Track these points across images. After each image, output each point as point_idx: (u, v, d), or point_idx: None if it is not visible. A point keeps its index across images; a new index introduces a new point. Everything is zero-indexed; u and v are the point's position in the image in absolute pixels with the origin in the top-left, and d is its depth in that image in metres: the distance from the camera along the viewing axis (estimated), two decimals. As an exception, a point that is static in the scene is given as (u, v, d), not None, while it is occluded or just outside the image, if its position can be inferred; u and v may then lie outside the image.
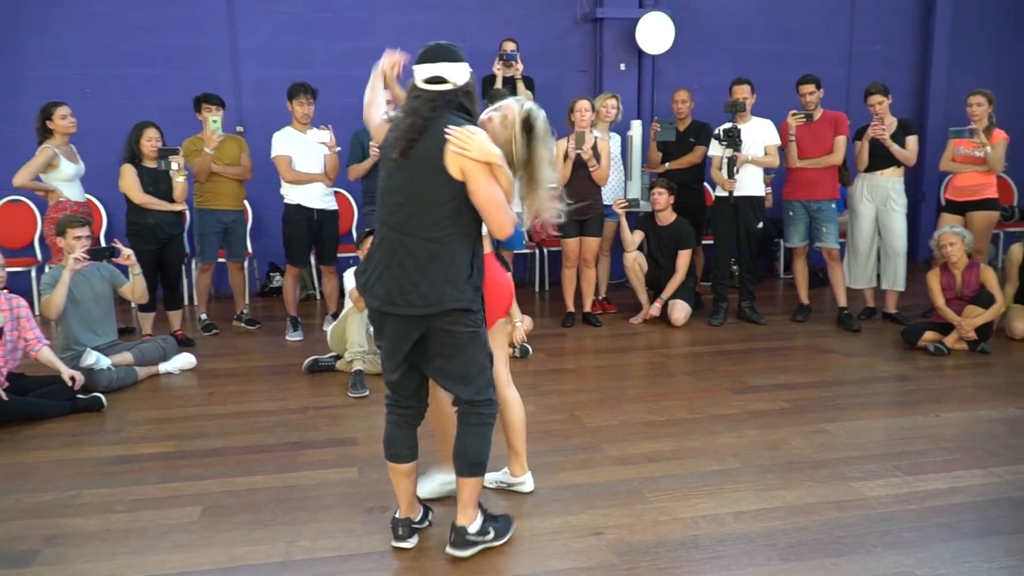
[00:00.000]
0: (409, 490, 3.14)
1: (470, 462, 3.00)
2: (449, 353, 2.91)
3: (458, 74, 2.88)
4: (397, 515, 3.15)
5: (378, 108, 3.20)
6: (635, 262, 6.69)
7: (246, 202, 6.70)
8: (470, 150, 2.74)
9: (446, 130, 2.76)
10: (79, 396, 4.73)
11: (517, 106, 2.98)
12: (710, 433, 4.27)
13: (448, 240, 2.83)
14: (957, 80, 8.85)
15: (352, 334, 5.15)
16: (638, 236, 6.78)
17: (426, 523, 3.24)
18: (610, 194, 6.69)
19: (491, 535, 3.10)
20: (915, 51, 9.05)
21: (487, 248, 3.19)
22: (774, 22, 8.68)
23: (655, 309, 6.60)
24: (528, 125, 2.94)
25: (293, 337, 6.28)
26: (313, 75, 6.83)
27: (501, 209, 2.80)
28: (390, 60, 3.22)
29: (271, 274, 7.99)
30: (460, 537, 3.03)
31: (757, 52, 8.58)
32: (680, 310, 6.53)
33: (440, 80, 2.86)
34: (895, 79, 7.68)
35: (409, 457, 3.08)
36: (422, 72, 2.87)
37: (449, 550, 3.04)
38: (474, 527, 3.05)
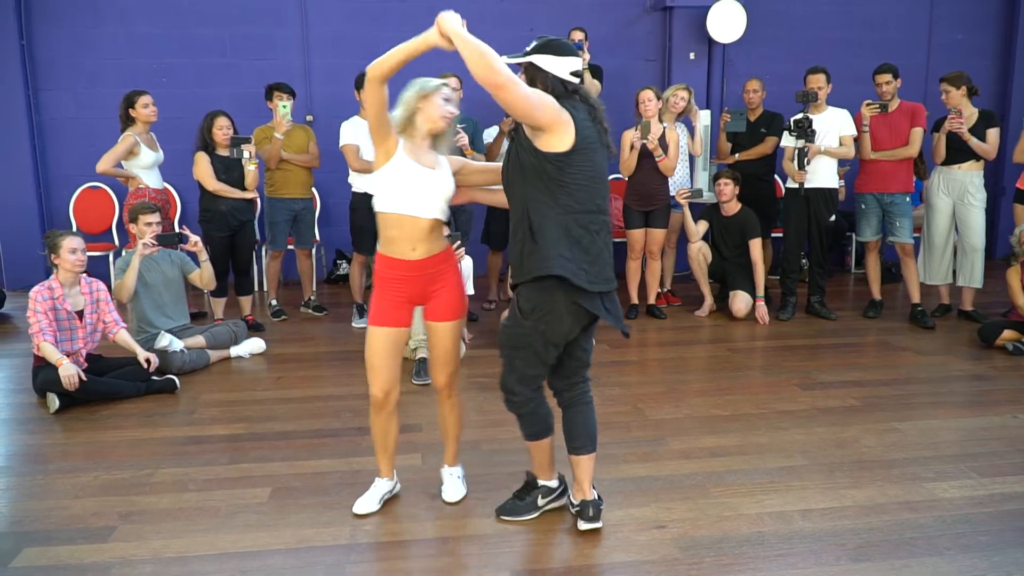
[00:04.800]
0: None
1: (595, 437, 3.19)
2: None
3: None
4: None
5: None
6: (699, 252, 6.61)
7: (314, 190, 6.80)
8: None
9: None
10: (154, 378, 4.87)
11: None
12: (777, 429, 4.20)
13: None
14: (1042, 70, 8.54)
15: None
16: (702, 226, 6.69)
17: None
18: (676, 186, 6.61)
19: (603, 502, 3.27)
20: (998, 39, 8.74)
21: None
22: (850, 9, 8.47)
23: (761, 309, 6.42)
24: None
25: (359, 324, 6.36)
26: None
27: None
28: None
29: (338, 261, 8.10)
30: (596, 509, 3.15)
31: (832, 40, 8.39)
32: (741, 300, 6.45)
33: (579, 75, 2.96)
34: (977, 68, 7.44)
35: None
36: (570, 65, 2.90)
37: (589, 525, 3.14)
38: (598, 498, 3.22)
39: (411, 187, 3.04)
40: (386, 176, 3.05)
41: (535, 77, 2.88)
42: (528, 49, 2.91)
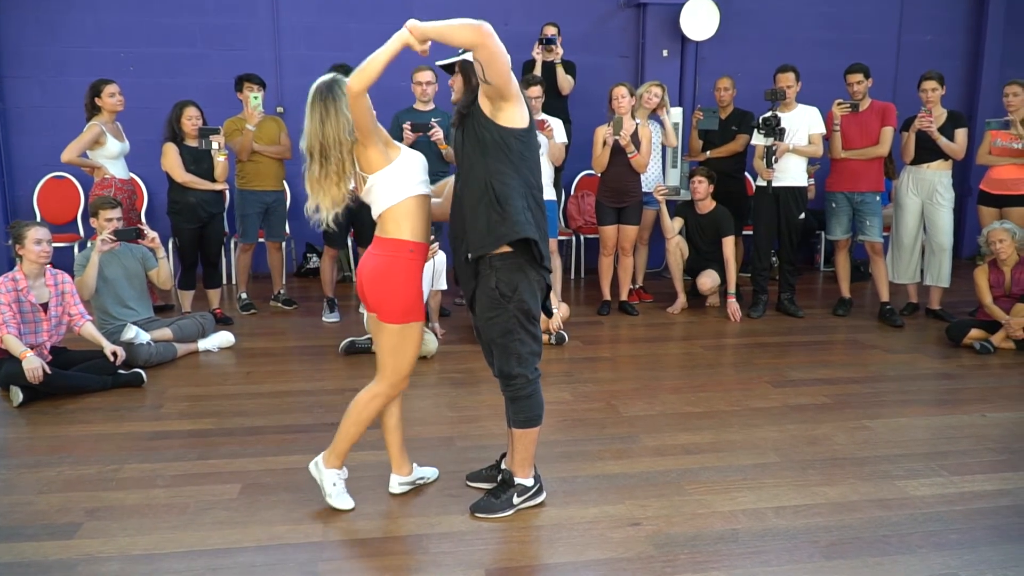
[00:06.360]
0: None
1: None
2: None
3: None
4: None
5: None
6: (677, 247, 6.64)
7: (285, 183, 6.72)
8: None
9: None
10: (120, 372, 4.78)
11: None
12: (749, 426, 4.22)
13: None
14: (1009, 72, 8.64)
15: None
16: (677, 223, 6.72)
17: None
18: (650, 182, 6.62)
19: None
20: (966, 41, 8.86)
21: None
22: (822, 10, 8.53)
23: (732, 306, 6.45)
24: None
25: (329, 319, 6.30)
26: (354, 56, 6.71)
27: None
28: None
29: (308, 255, 8.02)
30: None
31: (804, 40, 8.45)
32: (707, 276, 6.57)
33: None
34: (945, 70, 7.50)
35: None
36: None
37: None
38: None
39: (422, 169, 3.15)
40: (405, 164, 3.10)
41: (469, 72, 3.00)
42: (460, 51, 3.04)
